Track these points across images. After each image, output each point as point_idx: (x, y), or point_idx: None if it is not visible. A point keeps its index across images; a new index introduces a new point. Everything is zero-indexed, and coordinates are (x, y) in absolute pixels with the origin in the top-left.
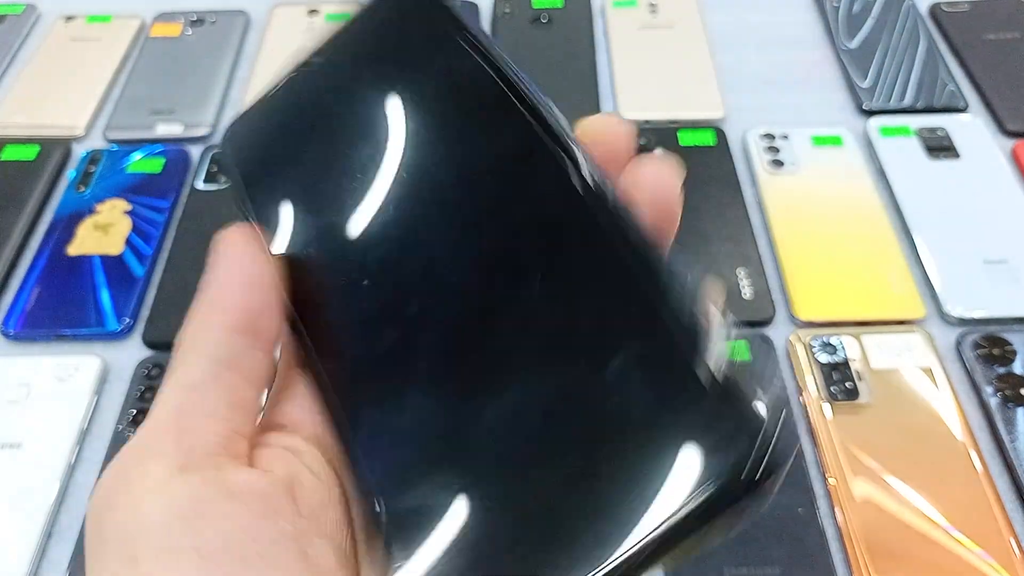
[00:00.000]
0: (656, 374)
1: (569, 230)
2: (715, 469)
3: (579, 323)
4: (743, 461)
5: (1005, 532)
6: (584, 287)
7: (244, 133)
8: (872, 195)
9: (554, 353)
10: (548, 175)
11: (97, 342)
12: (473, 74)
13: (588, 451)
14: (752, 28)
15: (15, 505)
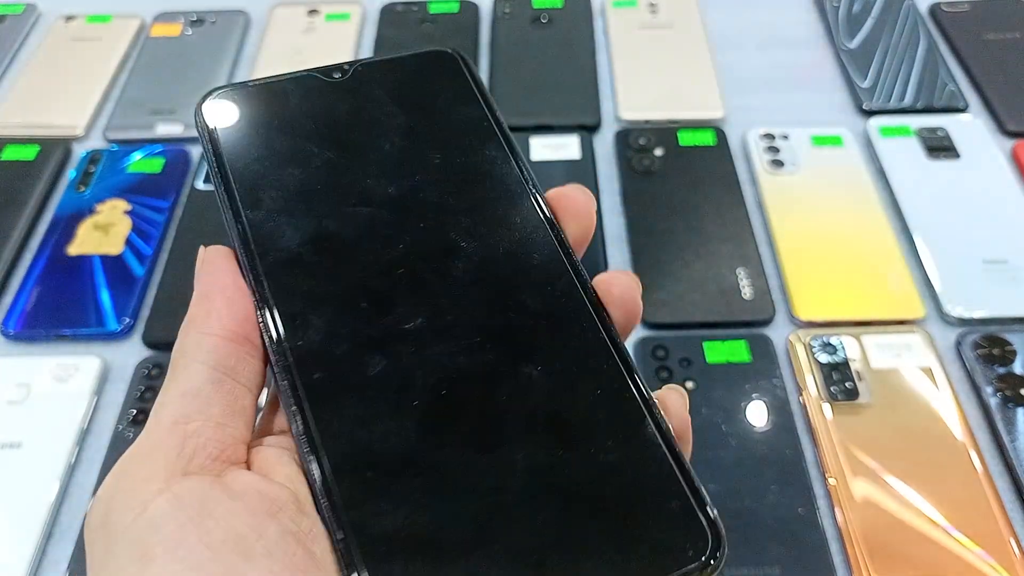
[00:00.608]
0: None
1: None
2: (696, 556)
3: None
4: (717, 554)
5: (1005, 532)
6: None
7: (233, 102)
8: (872, 195)
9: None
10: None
11: (97, 342)
12: (469, 126)
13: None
14: (752, 28)
15: (15, 505)
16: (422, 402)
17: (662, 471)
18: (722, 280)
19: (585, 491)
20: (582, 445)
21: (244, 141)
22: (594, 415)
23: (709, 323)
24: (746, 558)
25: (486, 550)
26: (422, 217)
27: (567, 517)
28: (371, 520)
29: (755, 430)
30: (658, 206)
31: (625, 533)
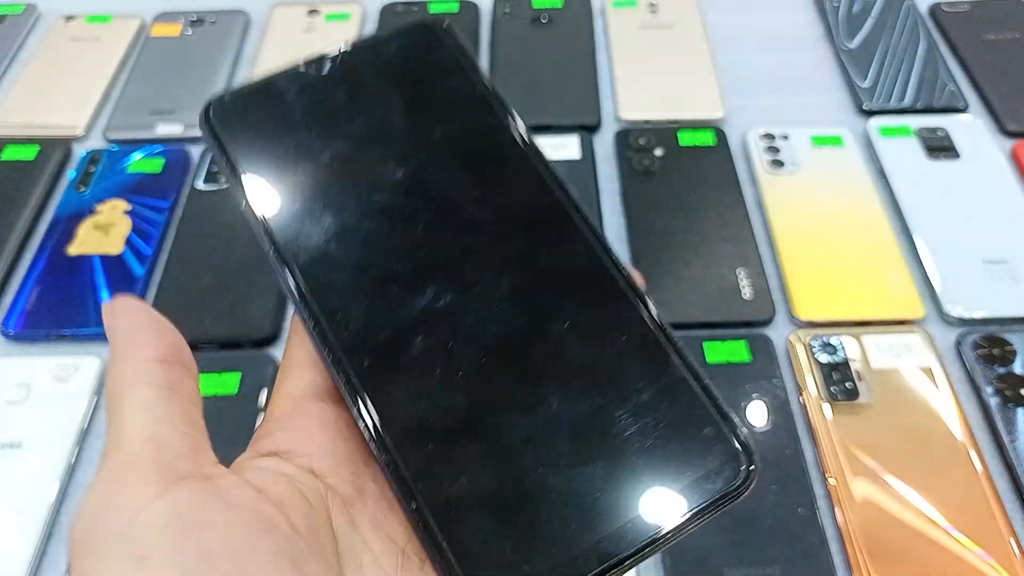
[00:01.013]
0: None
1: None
2: (731, 477)
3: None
4: (747, 470)
5: (1005, 532)
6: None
7: (235, 107)
8: (872, 195)
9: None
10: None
11: (97, 342)
12: (467, 101)
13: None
14: (752, 28)
15: (15, 505)
16: (470, 366)
17: (694, 402)
18: (722, 280)
19: (628, 429)
20: (621, 387)
21: (258, 143)
22: (626, 359)
23: (709, 323)
24: (746, 558)
25: (544, 496)
26: (439, 192)
27: (613, 456)
28: (441, 486)
29: (755, 430)
30: (658, 206)
31: (666, 464)
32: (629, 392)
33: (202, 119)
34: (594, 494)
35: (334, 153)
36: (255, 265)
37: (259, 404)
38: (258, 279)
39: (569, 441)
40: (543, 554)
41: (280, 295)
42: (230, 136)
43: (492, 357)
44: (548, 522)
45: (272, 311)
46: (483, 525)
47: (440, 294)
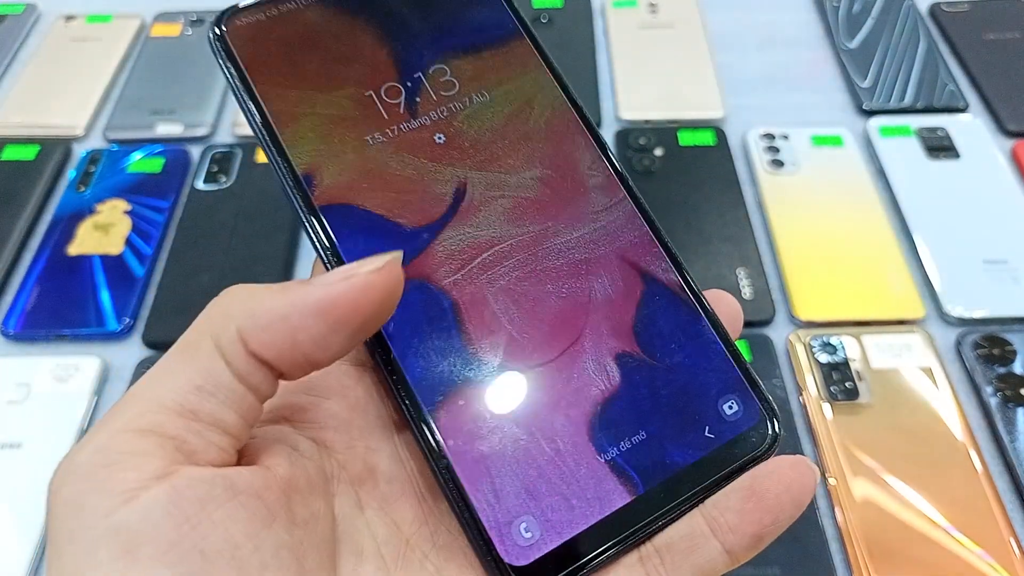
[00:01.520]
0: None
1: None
2: (760, 438)
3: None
4: (774, 433)
5: (1005, 532)
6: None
7: (254, 29)
8: (872, 195)
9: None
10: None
11: (97, 342)
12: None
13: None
14: (752, 28)
15: (15, 505)
16: (503, 325)
17: (723, 368)
18: (722, 280)
19: (661, 392)
20: (655, 353)
21: (276, 68)
22: (662, 326)
23: None
24: None
25: (574, 452)
26: (474, 143)
27: (644, 418)
28: (475, 446)
29: None
30: (658, 206)
31: (696, 424)
32: (662, 355)
33: (218, 32)
34: (626, 455)
35: (360, 81)
36: (255, 265)
37: None
38: (258, 279)
39: (600, 402)
40: (574, 513)
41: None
42: (249, 54)
43: (523, 317)
44: (579, 482)
45: None
46: (514, 484)
47: (475, 242)
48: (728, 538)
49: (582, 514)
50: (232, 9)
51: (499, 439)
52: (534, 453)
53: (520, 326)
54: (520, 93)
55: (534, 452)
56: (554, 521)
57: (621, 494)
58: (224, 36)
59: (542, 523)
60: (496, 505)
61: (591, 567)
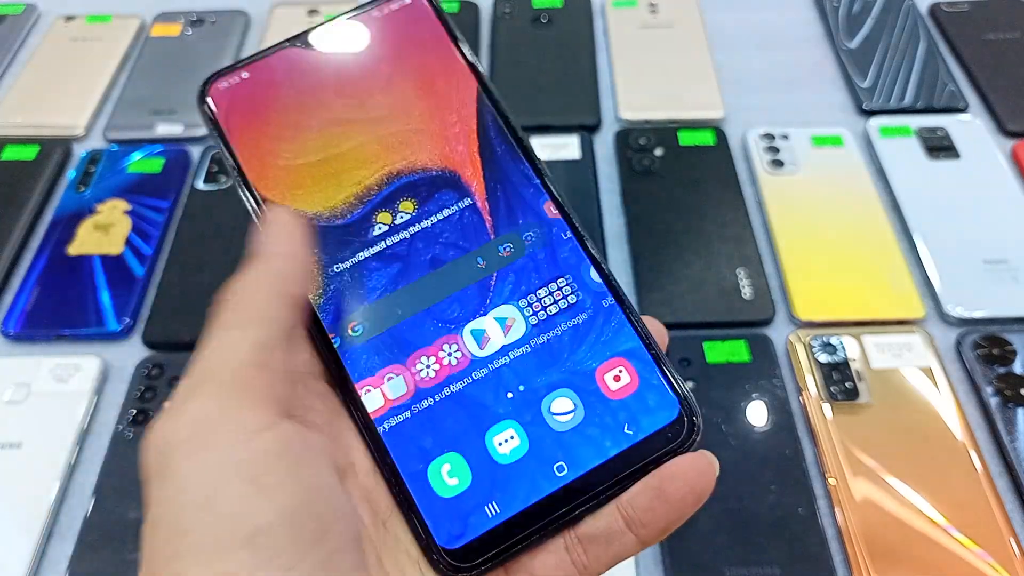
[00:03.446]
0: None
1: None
2: (679, 431)
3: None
4: (691, 428)
5: (1005, 532)
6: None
7: (231, 92)
8: (872, 195)
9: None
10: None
11: (97, 342)
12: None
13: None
14: (752, 28)
15: (15, 505)
16: (438, 323)
17: (644, 367)
18: (722, 280)
19: (583, 389)
20: (578, 351)
21: (261, 124)
22: (587, 326)
23: (709, 323)
24: (746, 558)
25: (501, 448)
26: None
27: (569, 412)
28: (412, 446)
29: (755, 430)
30: (658, 206)
31: (617, 420)
32: (588, 356)
33: (201, 99)
34: (550, 448)
35: (327, 128)
36: None
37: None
38: None
39: (524, 395)
40: (502, 501)
41: None
42: (232, 117)
43: (448, 313)
44: (506, 474)
45: None
46: (445, 476)
47: (412, 272)
48: (641, 531)
49: (510, 501)
50: (212, 74)
51: (432, 430)
52: (468, 443)
53: (447, 320)
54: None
55: (468, 442)
56: (487, 510)
57: (548, 484)
58: (206, 99)
59: (478, 512)
60: (431, 495)
61: (517, 550)
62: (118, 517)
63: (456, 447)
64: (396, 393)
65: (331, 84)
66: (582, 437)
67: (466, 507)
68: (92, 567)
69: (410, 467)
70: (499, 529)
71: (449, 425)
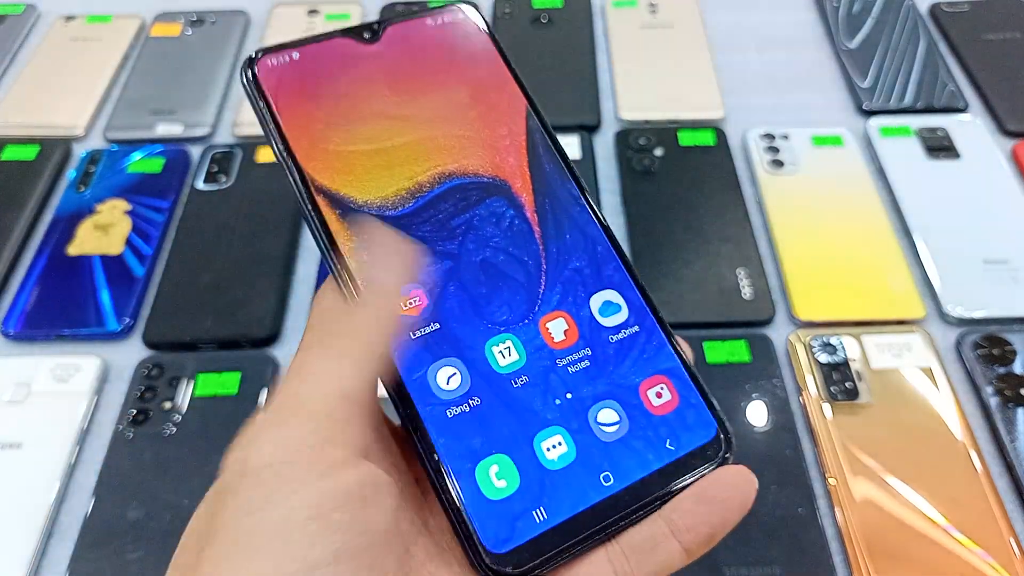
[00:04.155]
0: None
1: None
2: (717, 449)
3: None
4: (727, 446)
5: (1005, 532)
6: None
7: (280, 68)
8: (872, 195)
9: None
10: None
11: (97, 342)
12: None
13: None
14: (752, 28)
15: (15, 505)
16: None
17: (680, 385)
18: (722, 280)
19: (624, 398)
20: (623, 365)
21: (303, 103)
22: (631, 341)
23: (709, 323)
24: (746, 558)
25: (545, 462)
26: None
27: (615, 429)
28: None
29: (755, 430)
30: (658, 206)
31: (660, 436)
32: (631, 375)
33: (246, 70)
34: (596, 457)
35: (371, 122)
36: (255, 265)
37: (259, 403)
38: (258, 279)
39: (571, 403)
40: (549, 507)
41: (280, 295)
42: (277, 90)
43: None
44: (554, 480)
45: (272, 311)
46: (492, 490)
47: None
48: (685, 537)
49: (558, 508)
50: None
51: (481, 430)
52: (516, 446)
53: (507, 350)
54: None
55: (517, 445)
56: (535, 515)
57: (595, 492)
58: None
59: (525, 517)
60: (479, 496)
61: (563, 558)
62: (118, 517)
63: (505, 449)
64: (447, 387)
65: (385, 79)
66: (627, 449)
67: (514, 511)
68: (92, 567)
69: (458, 465)
70: (546, 536)
71: (498, 426)
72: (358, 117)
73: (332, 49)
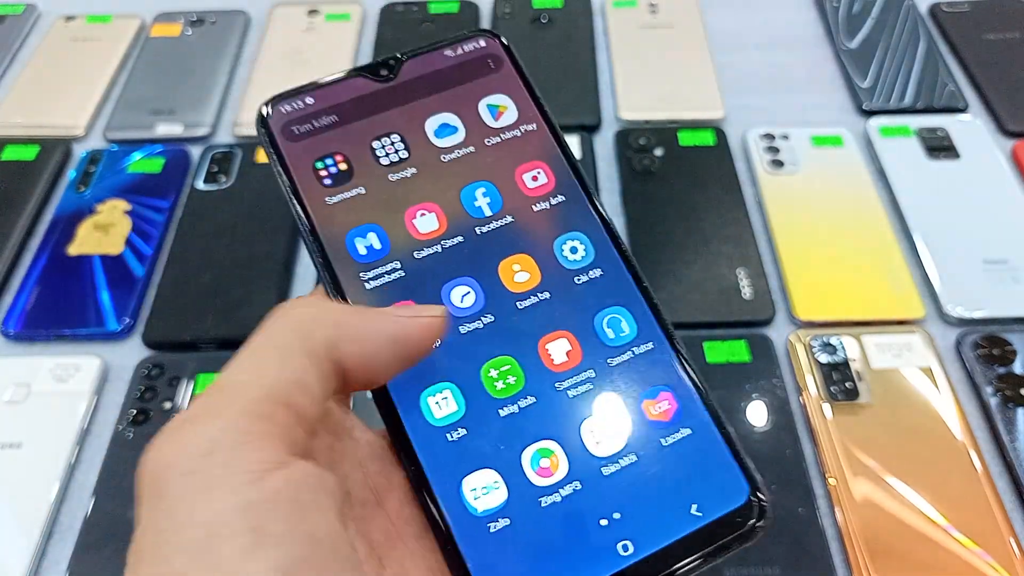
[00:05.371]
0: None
1: None
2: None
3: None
4: (761, 512)
5: (1005, 532)
6: None
7: (292, 115)
8: (872, 195)
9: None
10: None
11: (97, 342)
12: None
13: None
14: (752, 28)
15: (15, 505)
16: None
17: (714, 449)
18: (722, 280)
19: (651, 469)
20: (650, 433)
21: (312, 155)
22: (658, 406)
23: (709, 323)
24: (746, 558)
25: (563, 520)
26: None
27: (636, 491)
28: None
29: (755, 430)
30: (658, 206)
31: (685, 501)
32: (656, 432)
33: (260, 121)
34: (617, 528)
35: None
36: (255, 265)
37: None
38: (258, 279)
39: (591, 470)
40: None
41: (280, 295)
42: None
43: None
44: (566, 548)
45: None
46: (509, 552)
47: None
48: None
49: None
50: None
51: (504, 500)
52: (530, 522)
53: (512, 395)
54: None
55: (530, 520)
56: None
57: (610, 565)
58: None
59: None
60: (491, 565)
61: None
62: (118, 517)
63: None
64: (446, 413)
65: (405, 124)
66: (649, 517)
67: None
68: (92, 567)
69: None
70: None
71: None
72: (370, 159)
73: (348, 89)
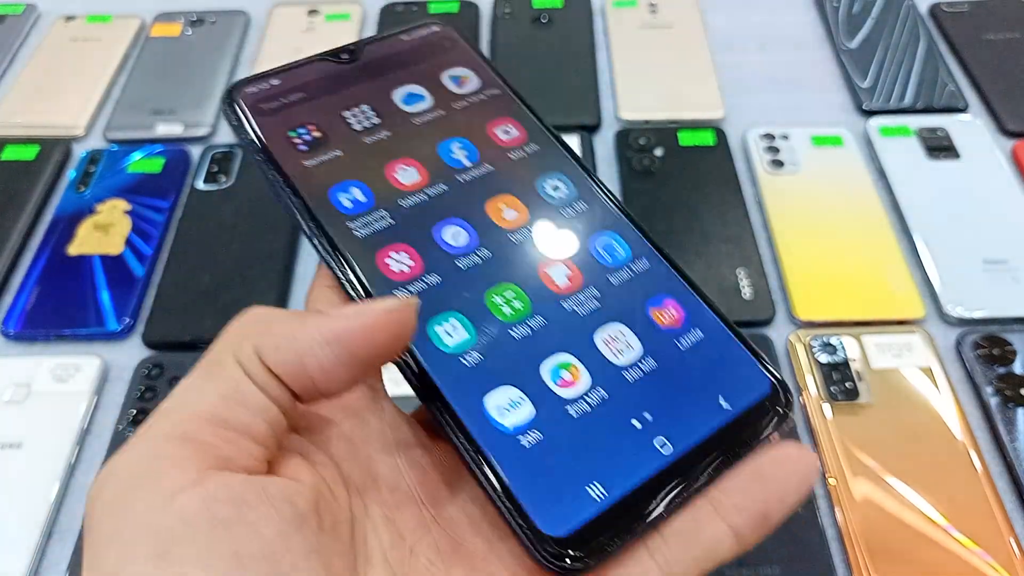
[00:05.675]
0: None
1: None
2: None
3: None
4: (787, 401)
5: (1005, 532)
6: None
7: (259, 95)
8: (872, 195)
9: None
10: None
11: (97, 342)
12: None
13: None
14: (752, 28)
15: (15, 505)
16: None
17: (729, 346)
18: (722, 280)
19: (678, 367)
20: (664, 338)
21: (284, 126)
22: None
23: None
24: (746, 558)
25: (596, 427)
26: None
27: (668, 390)
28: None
29: None
30: (658, 206)
31: (713, 395)
32: (676, 333)
33: (228, 102)
34: (653, 426)
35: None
36: (255, 265)
37: None
38: (258, 279)
39: (614, 378)
40: (605, 485)
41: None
42: (257, 117)
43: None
44: (605, 453)
45: None
46: (552, 457)
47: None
48: (735, 519)
49: (618, 483)
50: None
51: (532, 414)
52: (563, 432)
53: (542, 318)
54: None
55: (562, 431)
56: (590, 491)
57: (653, 464)
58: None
59: (580, 493)
60: (533, 479)
61: (625, 539)
62: None
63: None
64: (457, 340)
65: (372, 96)
66: (682, 413)
67: (568, 488)
68: None
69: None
70: (607, 515)
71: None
72: (347, 134)
73: (311, 71)
